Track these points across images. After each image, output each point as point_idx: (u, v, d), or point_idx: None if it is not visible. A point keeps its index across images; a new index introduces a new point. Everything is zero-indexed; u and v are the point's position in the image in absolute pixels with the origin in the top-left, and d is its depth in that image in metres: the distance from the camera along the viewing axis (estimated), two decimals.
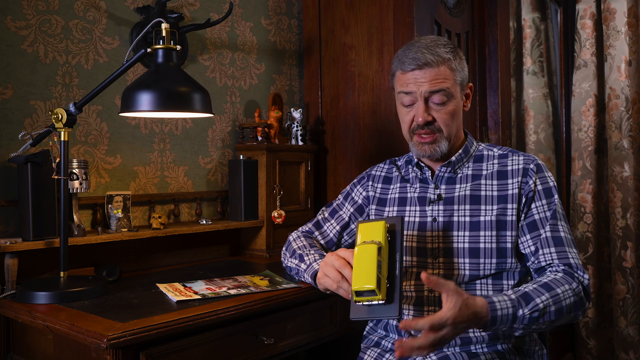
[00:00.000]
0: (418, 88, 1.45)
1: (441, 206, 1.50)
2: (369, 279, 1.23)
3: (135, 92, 1.56)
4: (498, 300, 1.25)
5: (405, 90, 1.48)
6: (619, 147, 3.02)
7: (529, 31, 3.31)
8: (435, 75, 1.44)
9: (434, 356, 1.43)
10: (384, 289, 1.25)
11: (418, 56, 1.44)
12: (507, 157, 1.52)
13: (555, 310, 1.29)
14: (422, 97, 1.45)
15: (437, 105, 1.46)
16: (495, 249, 1.44)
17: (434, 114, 1.47)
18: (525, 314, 1.26)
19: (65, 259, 1.57)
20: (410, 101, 1.48)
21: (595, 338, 3.15)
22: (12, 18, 1.73)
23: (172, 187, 2.13)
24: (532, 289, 1.31)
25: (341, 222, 1.71)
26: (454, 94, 1.47)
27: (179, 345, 1.35)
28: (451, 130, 1.49)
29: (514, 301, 1.26)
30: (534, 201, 1.46)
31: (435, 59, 1.44)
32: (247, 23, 2.39)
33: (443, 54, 1.45)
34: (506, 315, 1.25)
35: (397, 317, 1.24)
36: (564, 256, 1.41)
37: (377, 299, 1.24)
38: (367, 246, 1.28)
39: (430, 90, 1.44)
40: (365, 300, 1.25)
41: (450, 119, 1.48)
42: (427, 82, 1.44)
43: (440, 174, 1.53)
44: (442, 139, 1.48)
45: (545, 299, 1.28)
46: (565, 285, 1.33)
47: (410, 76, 1.46)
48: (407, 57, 1.46)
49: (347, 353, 2.06)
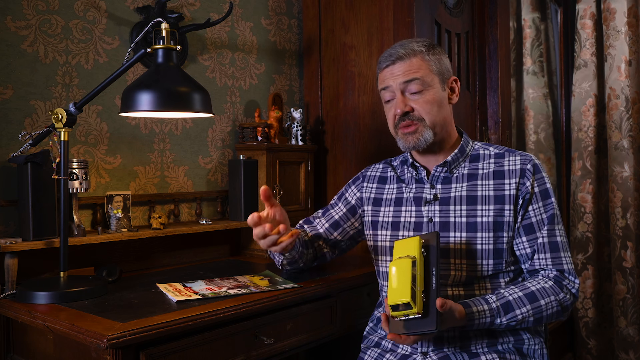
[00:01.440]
0: (394, 81, 1.51)
1: (437, 206, 1.51)
2: (403, 293, 1.23)
3: (135, 92, 1.56)
4: (477, 310, 1.36)
5: (384, 86, 1.54)
6: (619, 147, 3.02)
7: (529, 31, 3.31)
8: (407, 66, 1.50)
9: (434, 356, 1.43)
10: (420, 302, 1.25)
11: (391, 52, 1.53)
12: (503, 157, 1.52)
13: (534, 320, 1.40)
14: (398, 89, 1.51)
15: (414, 95, 1.50)
16: (493, 250, 1.44)
17: (412, 104, 1.50)
18: (502, 322, 1.38)
19: (65, 259, 1.57)
20: (390, 96, 1.54)
21: (595, 338, 3.15)
22: (12, 18, 1.73)
23: (172, 187, 2.13)
24: (515, 298, 1.39)
25: (330, 220, 1.73)
26: (430, 83, 1.50)
27: (179, 345, 1.35)
28: (435, 119, 1.50)
29: (493, 310, 1.37)
30: (531, 203, 1.46)
31: (406, 52, 1.51)
32: (247, 23, 2.39)
33: (415, 47, 1.52)
34: (483, 323, 1.37)
35: (435, 331, 1.25)
36: (558, 262, 1.45)
37: (413, 312, 1.24)
38: (401, 261, 1.29)
39: (404, 80, 1.50)
40: (402, 314, 1.26)
41: (430, 107, 1.50)
42: (400, 74, 1.51)
43: (436, 174, 1.54)
44: (424, 128, 1.50)
45: (526, 311, 1.38)
46: (551, 296, 1.40)
47: (386, 72, 1.53)
48: (383, 56, 1.55)
49: (347, 353, 2.06)
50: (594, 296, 3.15)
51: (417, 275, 1.27)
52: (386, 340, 1.54)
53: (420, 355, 1.44)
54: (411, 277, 1.25)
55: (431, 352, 1.43)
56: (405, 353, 1.47)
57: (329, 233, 1.73)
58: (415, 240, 1.35)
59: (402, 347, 1.49)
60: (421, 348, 1.45)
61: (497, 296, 1.39)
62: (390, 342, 1.52)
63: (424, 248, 1.35)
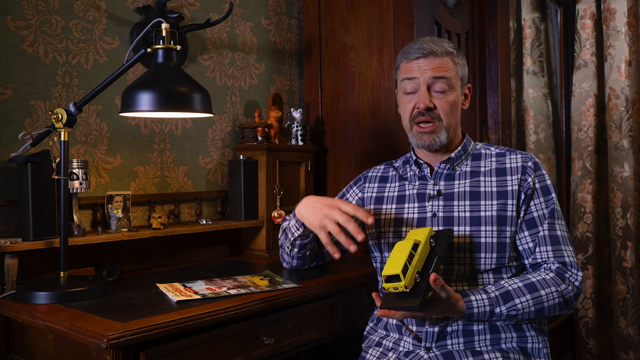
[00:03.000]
0: (422, 74, 1.50)
1: (441, 202, 1.52)
2: (396, 266, 1.28)
3: (135, 92, 1.56)
4: (476, 299, 1.37)
5: (409, 76, 1.52)
6: (619, 147, 3.02)
7: (529, 31, 3.31)
8: (439, 63, 1.50)
9: (437, 351, 1.43)
10: (411, 278, 1.29)
11: (424, 46, 1.51)
12: (505, 156, 1.56)
13: (536, 310, 1.40)
14: (424, 83, 1.50)
15: (439, 94, 1.51)
16: (496, 243, 1.46)
17: (435, 102, 1.50)
18: (502, 312, 1.37)
19: (65, 259, 1.57)
20: (412, 88, 1.53)
21: (595, 338, 3.15)
22: (12, 18, 1.73)
23: (172, 187, 2.13)
24: (515, 288, 1.40)
25: None
26: (454, 86, 1.52)
27: (179, 345, 1.35)
28: (450, 122, 1.52)
29: (492, 299, 1.37)
30: (532, 199, 1.49)
31: (440, 50, 1.50)
32: (247, 23, 2.39)
33: (447, 47, 1.52)
34: (483, 312, 1.37)
35: (418, 308, 1.27)
36: (559, 254, 1.46)
37: (400, 285, 1.27)
38: (405, 241, 1.36)
39: (433, 76, 1.50)
40: (392, 287, 1.29)
41: (450, 110, 1.51)
42: (430, 69, 1.50)
43: (440, 170, 1.55)
44: (441, 129, 1.51)
45: (525, 300, 1.38)
46: (551, 287, 1.41)
47: (414, 64, 1.52)
48: (412, 47, 1.53)
49: (347, 353, 2.06)
50: (594, 296, 3.15)
51: (416, 256, 1.32)
52: (387, 339, 1.54)
53: (424, 350, 1.44)
54: (408, 254, 1.30)
55: (435, 347, 1.44)
56: (408, 350, 1.47)
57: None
58: (426, 229, 1.40)
59: (404, 345, 1.49)
60: (425, 343, 1.45)
61: (496, 286, 1.41)
62: (391, 341, 1.52)
63: (433, 238, 1.40)
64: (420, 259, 1.32)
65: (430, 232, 1.39)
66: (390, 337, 1.53)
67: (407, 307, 1.28)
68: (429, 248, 1.37)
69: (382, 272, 1.30)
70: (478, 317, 1.38)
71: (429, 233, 1.39)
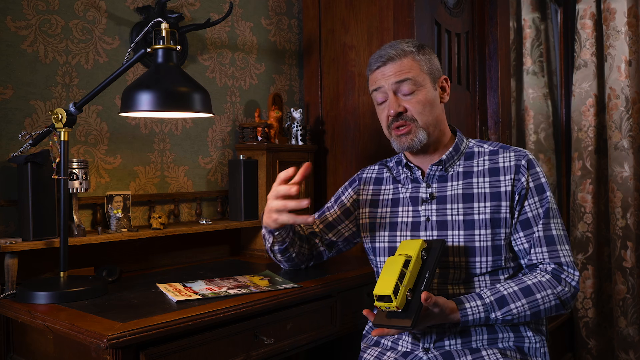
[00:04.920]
0: (386, 82, 1.51)
1: (434, 205, 1.51)
2: (387, 286, 1.28)
3: (135, 92, 1.56)
4: (470, 306, 1.37)
5: (375, 87, 1.54)
6: (619, 147, 3.02)
7: (529, 31, 3.31)
8: (399, 67, 1.50)
9: (436, 352, 1.43)
10: (402, 298, 1.29)
11: (382, 54, 1.53)
12: (498, 154, 1.54)
13: (532, 314, 1.40)
14: (390, 90, 1.51)
15: (407, 96, 1.51)
16: (491, 246, 1.45)
17: (405, 104, 1.50)
18: (497, 317, 1.38)
19: (65, 259, 1.57)
20: (382, 97, 1.54)
21: (595, 338, 3.15)
22: (12, 18, 1.73)
23: (172, 187, 2.13)
24: (510, 292, 1.39)
25: (324, 222, 1.73)
26: (422, 83, 1.51)
27: (179, 345, 1.35)
28: (426, 120, 1.51)
29: (487, 305, 1.38)
30: (526, 199, 1.47)
31: (397, 53, 1.51)
32: (247, 23, 2.39)
33: (405, 48, 1.52)
34: (478, 318, 1.38)
35: (410, 329, 1.28)
36: (555, 255, 1.45)
37: (392, 305, 1.28)
38: (396, 257, 1.35)
39: (395, 80, 1.50)
40: (383, 306, 1.30)
41: (422, 108, 1.50)
42: (392, 74, 1.51)
43: (432, 173, 1.54)
44: (417, 129, 1.51)
45: (521, 305, 1.38)
46: (547, 289, 1.40)
47: (377, 74, 1.53)
48: (373, 58, 1.55)
49: (347, 353, 2.06)
50: (594, 296, 3.15)
51: (407, 273, 1.31)
52: (386, 338, 1.54)
53: (422, 351, 1.44)
54: (400, 273, 1.30)
55: (433, 348, 1.44)
56: (407, 350, 1.48)
57: (323, 234, 1.73)
58: (417, 242, 1.39)
59: (402, 345, 1.49)
60: (423, 344, 1.45)
61: (491, 291, 1.40)
62: (390, 340, 1.53)
63: (425, 251, 1.39)
64: (411, 276, 1.32)
65: (422, 245, 1.38)
66: (389, 337, 1.53)
67: (400, 327, 1.29)
68: (421, 262, 1.37)
69: (374, 291, 1.30)
70: (473, 323, 1.38)
71: (421, 246, 1.38)
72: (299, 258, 1.73)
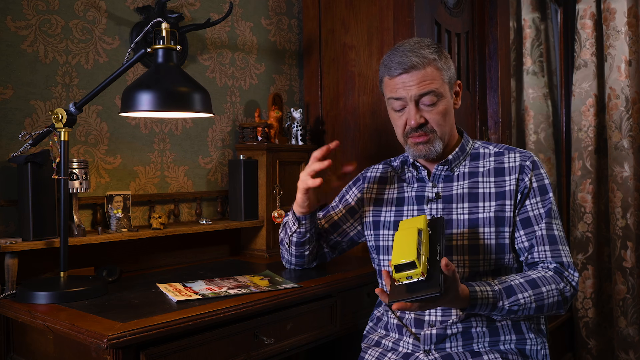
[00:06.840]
0: (407, 92, 1.45)
1: (440, 204, 1.52)
2: (409, 253, 1.19)
3: (135, 92, 1.56)
4: (480, 290, 1.34)
5: (395, 96, 1.48)
6: (619, 147, 3.02)
7: (529, 31, 3.31)
8: (422, 77, 1.44)
9: (437, 354, 1.43)
10: (424, 265, 1.21)
11: (404, 60, 1.44)
12: (503, 155, 1.54)
13: (536, 307, 1.38)
14: (412, 101, 1.46)
15: (428, 107, 1.46)
16: (495, 245, 1.45)
17: (426, 115, 1.47)
18: (504, 306, 1.35)
19: (65, 259, 1.57)
20: (400, 106, 1.49)
21: (595, 338, 3.15)
22: (12, 18, 1.73)
23: (172, 187, 2.13)
24: (517, 283, 1.38)
25: (330, 221, 1.73)
26: (443, 94, 1.47)
27: (179, 345, 1.35)
28: (444, 130, 1.50)
29: (496, 292, 1.35)
30: (528, 198, 1.48)
31: (420, 61, 1.44)
32: (247, 23, 2.39)
33: (428, 55, 1.45)
34: (486, 304, 1.34)
35: (439, 295, 1.18)
36: (557, 254, 1.45)
37: (417, 272, 1.18)
38: (407, 229, 1.27)
39: (419, 93, 1.45)
40: (404, 276, 1.19)
41: (442, 119, 1.48)
42: (415, 86, 1.44)
43: (438, 172, 1.55)
44: (436, 139, 1.49)
45: (528, 296, 1.37)
46: (552, 284, 1.40)
47: (398, 81, 1.46)
48: (392, 62, 1.46)
49: (347, 353, 2.06)
50: (594, 296, 3.15)
51: (423, 243, 1.25)
52: (387, 339, 1.54)
53: (423, 352, 1.44)
54: (417, 241, 1.22)
55: (434, 350, 1.44)
56: (407, 352, 1.47)
57: (329, 234, 1.73)
58: (420, 218, 1.35)
59: (403, 346, 1.49)
60: (424, 346, 1.45)
61: (499, 280, 1.39)
62: (390, 341, 1.52)
63: (429, 226, 1.35)
64: (426, 246, 1.26)
65: (425, 219, 1.35)
66: (390, 337, 1.53)
67: (428, 295, 1.17)
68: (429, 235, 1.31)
69: (392, 262, 1.20)
70: (480, 308, 1.34)
71: (425, 220, 1.34)
72: (308, 257, 1.74)
